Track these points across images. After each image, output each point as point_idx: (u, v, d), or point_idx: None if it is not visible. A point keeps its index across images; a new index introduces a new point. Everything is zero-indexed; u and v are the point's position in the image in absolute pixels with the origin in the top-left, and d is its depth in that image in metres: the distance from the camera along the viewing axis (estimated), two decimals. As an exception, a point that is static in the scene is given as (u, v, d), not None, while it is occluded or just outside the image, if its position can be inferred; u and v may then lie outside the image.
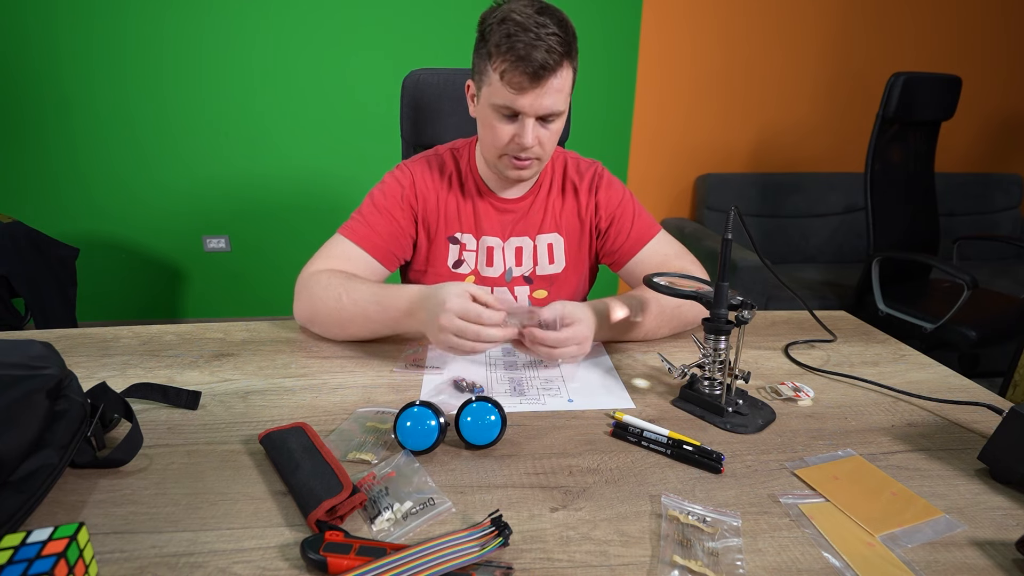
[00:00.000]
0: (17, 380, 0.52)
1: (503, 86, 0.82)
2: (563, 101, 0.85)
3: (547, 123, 0.87)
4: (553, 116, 0.86)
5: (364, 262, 0.94)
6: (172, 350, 0.85)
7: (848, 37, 2.62)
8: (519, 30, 0.79)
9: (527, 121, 0.84)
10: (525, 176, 0.93)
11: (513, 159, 0.89)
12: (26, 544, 0.41)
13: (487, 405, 0.62)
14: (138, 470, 0.58)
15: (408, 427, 0.60)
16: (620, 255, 1.02)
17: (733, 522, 0.52)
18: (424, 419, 0.60)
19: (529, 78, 0.80)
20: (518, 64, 0.80)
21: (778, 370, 0.84)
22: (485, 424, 0.62)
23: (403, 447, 0.60)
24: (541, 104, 0.83)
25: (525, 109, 0.83)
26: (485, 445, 0.62)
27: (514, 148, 0.88)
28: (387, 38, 2.38)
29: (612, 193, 1.02)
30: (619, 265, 1.03)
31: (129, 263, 2.56)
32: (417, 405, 0.61)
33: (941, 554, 0.50)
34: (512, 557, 0.48)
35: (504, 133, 0.87)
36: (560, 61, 0.81)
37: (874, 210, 2.03)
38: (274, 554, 0.48)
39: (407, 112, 1.25)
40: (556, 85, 0.82)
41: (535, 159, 0.90)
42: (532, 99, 0.82)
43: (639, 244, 1.00)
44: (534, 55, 0.79)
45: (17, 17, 2.19)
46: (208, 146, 2.43)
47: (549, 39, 0.79)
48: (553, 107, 0.84)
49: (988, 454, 0.60)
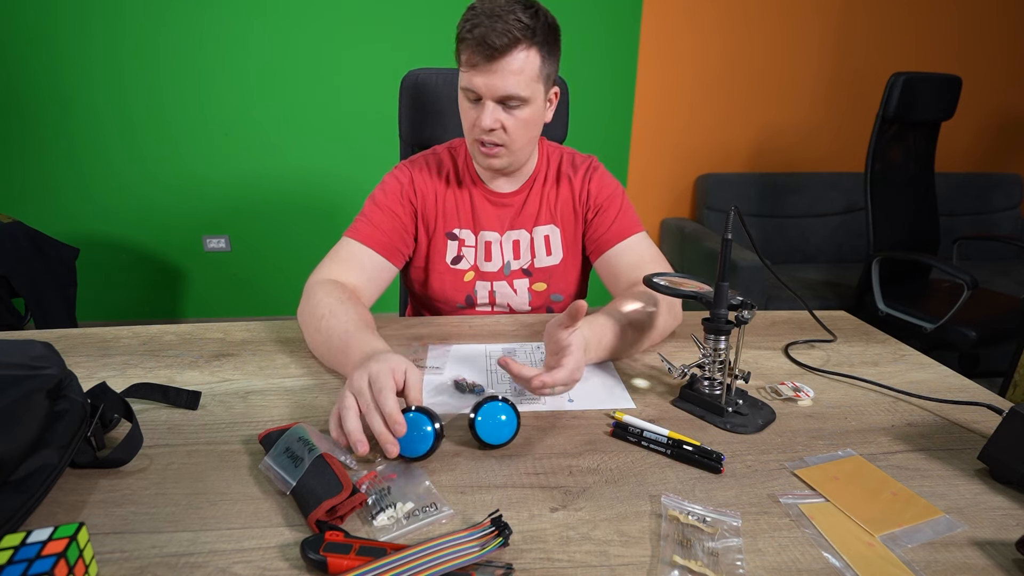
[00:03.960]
0: (17, 380, 0.52)
1: (463, 67, 0.86)
2: (523, 85, 0.85)
3: (511, 108, 0.87)
4: (515, 100, 0.86)
5: (371, 261, 0.94)
6: (172, 350, 0.85)
7: (848, 37, 2.62)
8: (482, 14, 0.82)
9: (487, 103, 0.86)
10: (495, 165, 0.94)
11: (480, 145, 0.90)
12: (26, 544, 0.41)
13: (501, 404, 0.62)
14: (138, 470, 0.58)
15: (404, 433, 0.59)
16: (599, 244, 1.02)
17: (733, 522, 0.52)
18: (420, 425, 0.59)
19: (485, 58, 0.82)
20: (473, 44, 0.82)
21: (778, 370, 0.84)
22: (499, 424, 0.62)
23: (399, 454, 0.59)
24: (495, 85, 0.84)
25: (481, 89, 0.85)
26: (500, 444, 0.62)
27: (477, 132, 0.89)
28: (386, 37, 2.38)
29: (604, 184, 1.03)
30: (596, 255, 1.03)
31: (129, 263, 2.56)
32: (413, 411, 0.60)
33: (941, 554, 0.49)
34: (512, 557, 0.48)
35: (470, 117, 0.89)
36: (516, 42, 0.82)
37: (874, 210, 2.03)
38: (274, 554, 0.48)
39: (406, 112, 1.25)
40: (513, 67, 0.83)
41: (501, 146, 0.90)
42: (486, 78, 0.84)
43: (619, 237, 1.00)
44: (490, 35, 0.81)
45: (17, 17, 2.19)
46: (208, 146, 2.43)
47: (510, 20, 0.81)
48: (510, 89, 0.84)
49: (988, 454, 0.60)
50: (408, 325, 0.96)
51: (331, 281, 0.87)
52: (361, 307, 0.83)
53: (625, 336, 0.81)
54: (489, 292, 1.05)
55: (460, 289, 1.04)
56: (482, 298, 1.05)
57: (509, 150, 0.92)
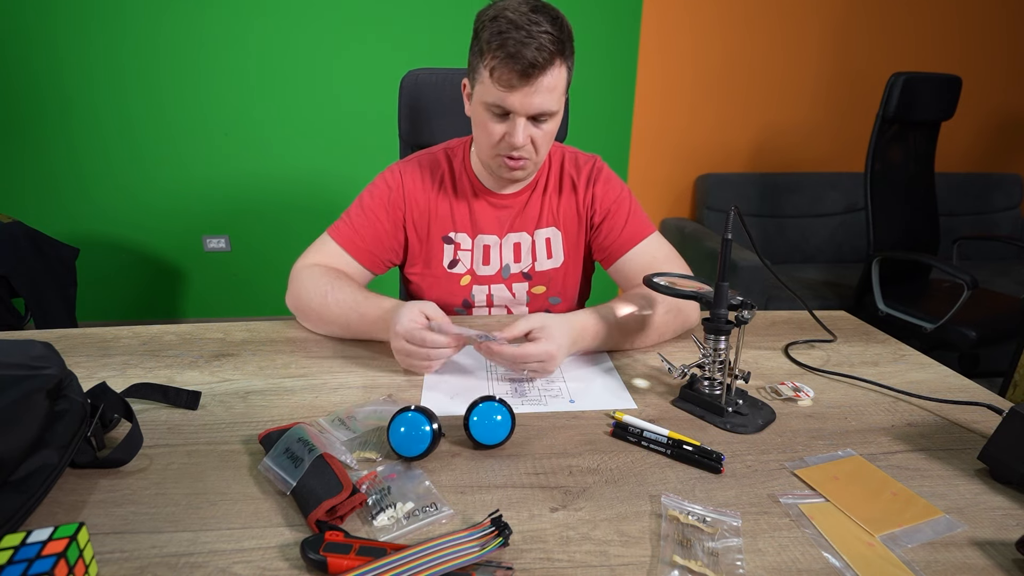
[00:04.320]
0: (17, 380, 0.52)
1: (493, 84, 0.82)
2: (555, 101, 0.84)
3: (539, 123, 0.86)
4: (545, 116, 0.85)
5: (346, 264, 0.96)
6: (172, 350, 0.85)
7: (848, 37, 2.62)
8: (511, 27, 0.78)
9: (518, 120, 0.84)
10: (519, 176, 0.93)
11: (506, 159, 0.89)
12: (26, 544, 0.41)
13: (496, 405, 0.62)
14: (138, 470, 0.58)
15: (402, 433, 0.59)
16: (611, 252, 1.01)
17: (733, 522, 0.52)
18: (418, 424, 0.59)
19: (519, 76, 0.80)
20: (508, 61, 0.79)
21: (778, 370, 0.84)
22: (494, 424, 0.62)
23: (396, 453, 0.60)
24: (531, 103, 0.82)
25: (515, 108, 0.83)
26: (494, 445, 0.62)
27: (505, 147, 0.87)
28: (386, 37, 2.38)
29: (609, 187, 1.02)
30: (609, 262, 1.02)
31: (129, 263, 2.56)
32: (412, 410, 0.60)
33: (941, 554, 0.50)
34: (512, 557, 0.48)
35: (495, 132, 0.86)
36: (551, 59, 0.80)
37: (874, 210, 2.03)
38: (274, 554, 0.48)
39: (405, 112, 1.25)
40: (547, 84, 0.82)
41: (528, 159, 0.90)
42: (522, 97, 0.82)
43: (631, 243, 0.99)
44: (524, 52, 0.78)
45: (17, 17, 2.19)
46: (208, 146, 2.43)
47: (541, 36, 0.78)
48: (544, 106, 0.83)
49: (988, 454, 0.60)
50: (408, 325, 0.96)
51: (318, 264, 0.93)
52: (352, 280, 0.91)
53: (612, 335, 0.85)
54: (487, 296, 1.04)
55: (456, 293, 1.04)
56: (479, 302, 1.05)
57: (534, 161, 0.91)
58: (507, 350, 0.74)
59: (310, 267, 0.92)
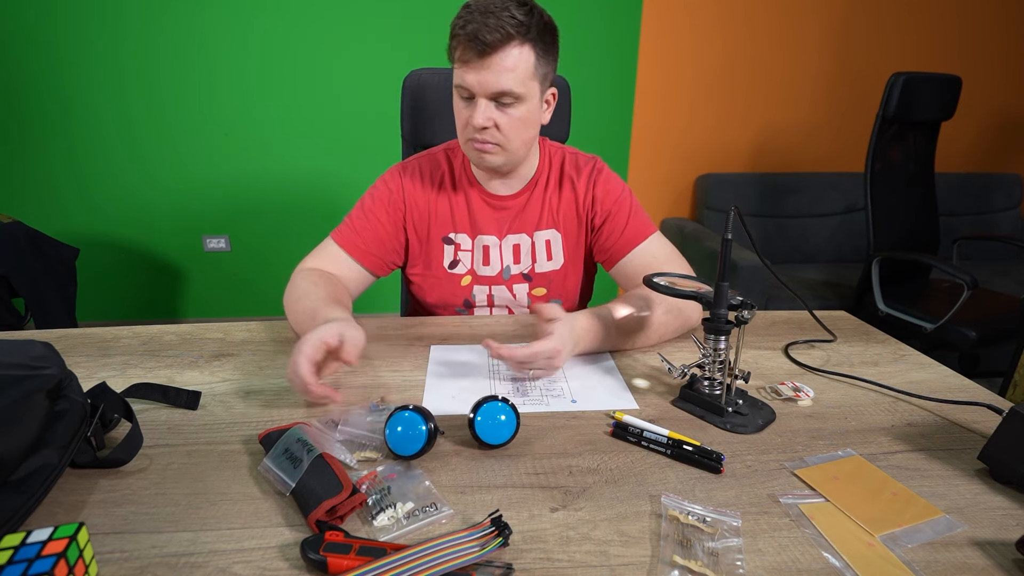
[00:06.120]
0: (17, 380, 0.52)
1: (456, 64, 0.85)
2: (517, 82, 0.84)
3: (504, 106, 0.86)
4: (508, 98, 0.85)
5: (348, 265, 0.97)
6: (172, 350, 0.85)
7: (848, 37, 2.62)
8: (476, 11, 0.82)
9: (479, 101, 0.85)
10: (489, 162, 0.92)
11: (474, 143, 0.90)
12: (26, 544, 0.41)
13: (501, 404, 0.62)
14: (138, 470, 0.58)
15: (398, 432, 0.59)
16: (612, 253, 1.00)
17: (733, 522, 0.52)
18: (414, 424, 0.59)
19: (477, 53, 0.82)
20: (465, 40, 0.82)
21: (778, 370, 0.84)
22: (499, 424, 0.62)
23: (392, 452, 0.60)
24: (487, 80, 0.83)
25: (473, 85, 0.84)
26: (499, 445, 0.62)
27: (470, 131, 0.88)
28: (386, 37, 2.38)
29: (610, 188, 1.01)
30: (611, 264, 1.02)
31: (129, 263, 2.56)
32: (408, 409, 0.60)
33: (941, 554, 0.49)
34: (512, 557, 0.48)
35: (463, 116, 0.89)
36: (509, 39, 0.81)
37: (874, 210, 2.03)
38: (274, 554, 0.48)
39: (407, 112, 1.25)
40: (507, 63, 0.83)
41: (496, 144, 0.89)
42: (478, 74, 0.83)
43: (632, 244, 0.98)
44: (482, 31, 0.80)
45: (17, 18, 2.19)
46: (208, 146, 2.43)
47: (503, 17, 0.81)
48: (503, 86, 0.84)
49: (988, 454, 0.60)
50: (408, 325, 0.96)
51: (312, 269, 0.94)
52: (333, 286, 0.90)
53: (611, 336, 0.85)
54: (487, 296, 1.04)
55: (457, 293, 1.04)
56: (480, 302, 1.05)
57: (504, 149, 0.90)
58: (517, 351, 0.73)
59: (305, 271, 0.93)
